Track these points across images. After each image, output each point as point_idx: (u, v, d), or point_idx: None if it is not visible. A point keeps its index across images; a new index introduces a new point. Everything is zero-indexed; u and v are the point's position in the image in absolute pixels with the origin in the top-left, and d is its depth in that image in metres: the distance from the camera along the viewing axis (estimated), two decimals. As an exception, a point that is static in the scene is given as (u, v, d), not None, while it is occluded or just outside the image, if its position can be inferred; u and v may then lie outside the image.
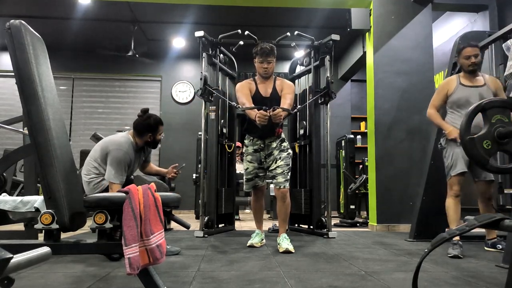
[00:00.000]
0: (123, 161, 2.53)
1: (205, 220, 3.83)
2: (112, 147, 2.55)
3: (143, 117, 2.67)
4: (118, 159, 2.51)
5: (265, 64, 3.09)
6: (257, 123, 2.84)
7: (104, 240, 1.47)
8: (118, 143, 2.58)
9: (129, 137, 2.66)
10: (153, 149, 2.88)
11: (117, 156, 2.51)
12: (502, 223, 1.22)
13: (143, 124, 2.65)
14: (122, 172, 2.53)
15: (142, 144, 2.71)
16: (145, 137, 2.67)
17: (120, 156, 2.52)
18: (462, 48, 3.01)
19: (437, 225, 3.33)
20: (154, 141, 2.72)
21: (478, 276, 2.10)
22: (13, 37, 1.49)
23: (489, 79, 3.01)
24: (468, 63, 2.96)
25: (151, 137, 2.69)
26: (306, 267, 2.29)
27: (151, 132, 2.67)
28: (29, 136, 1.50)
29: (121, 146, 2.56)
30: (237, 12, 5.68)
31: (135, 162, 2.74)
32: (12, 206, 2.59)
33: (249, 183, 3.22)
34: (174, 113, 7.43)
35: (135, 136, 2.68)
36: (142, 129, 2.66)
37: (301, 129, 4.19)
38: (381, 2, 4.72)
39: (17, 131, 3.94)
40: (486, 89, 2.93)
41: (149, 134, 2.67)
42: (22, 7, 5.71)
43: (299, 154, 4.22)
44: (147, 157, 2.98)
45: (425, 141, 4.35)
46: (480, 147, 1.59)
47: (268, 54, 3.07)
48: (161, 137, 2.78)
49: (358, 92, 7.97)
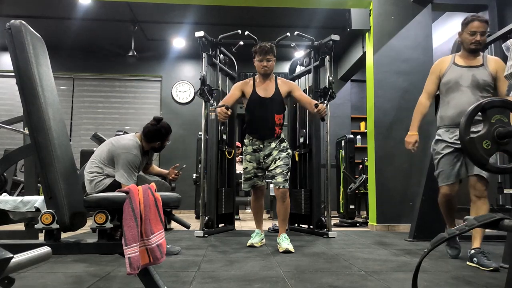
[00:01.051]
0: (134, 164, 2.59)
1: (205, 220, 3.83)
2: (121, 151, 2.59)
3: (155, 126, 2.70)
4: (129, 162, 2.57)
5: (265, 62, 3.07)
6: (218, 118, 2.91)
7: (105, 240, 1.47)
8: (127, 146, 2.61)
9: (136, 140, 2.69)
10: (157, 153, 2.91)
11: (128, 159, 2.57)
12: (501, 223, 1.22)
13: (155, 132, 2.70)
14: (133, 174, 2.60)
15: (148, 149, 2.78)
16: (154, 144, 2.74)
17: (131, 159, 2.58)
18: (469, 21, 2.55)
19: (437, 225, 3.34)
20: (161, 147, 2.80)
21: (478, 276, 2.11)
22: (13, 37, 1.49)
23: (490, 59, 2.57)
24: (471, 39, 2.52)
25: (159, 144, 2.77)
26: (306, 267, 2.29)
27: (160, 140, 2.74)
28: (30, 136, 1.50)
29: (130, 150, 2.60)
30: (237, 12, 5.68)
31: (141, 164, 2.79)
32: (12, 206, 2.59)
33: (248, 183, 3.22)
34: (174, 113, 7.44)
35: (143, 140, 2.73)
36: (152, 136, 2.71)
37: (301, 137, 4.18)
38: (381, 2, 4.73)
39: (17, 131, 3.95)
40: (482, 71, 2.51)
41: (158, 142, 2.74)
42: (22, 7, 5.72)
43: (299, 162, 4.21)
44: (150, 159, 3.02)
45: (425, 141, 4.34)
46: (480, 147, 1.59)
47: (268, 52, 3.05)
48: (167, 143, 2.85)
49: (358, 92, 7.98)
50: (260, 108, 3.09)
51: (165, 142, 2.79)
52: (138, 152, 2.64)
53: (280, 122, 3.12)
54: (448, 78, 2.57)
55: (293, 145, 4.33)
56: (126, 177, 2.55)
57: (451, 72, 2.57)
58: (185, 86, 7.53)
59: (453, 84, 2.54)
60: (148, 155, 2.90)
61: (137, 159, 2.61)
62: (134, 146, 2.63)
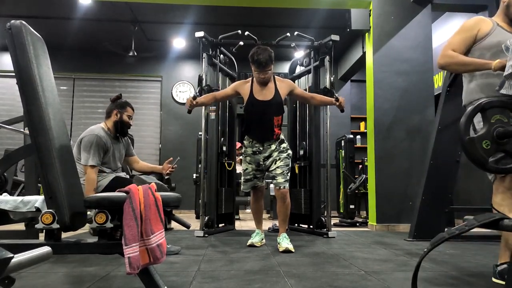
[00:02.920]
0: (96, 144, 2.61)
1: (205, 220, 3.83)
2: (84, 135, 2.67)
3: (113, 100, 2.83)
4: (90, 142, 2.60)
5: (262, 74, 3.00)
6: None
7: (105, 240, 1.47)
8: (88, 130, 2.70)
9: (99, 124, 2.78)
10: (123, 135, 2.90)
11: (88, 140, 2.61)
12: (501, 223, 1.22)
13: (111, 104, 2.81)
14: (96, 154, 2.60)
15: (112, 126, 2.78)
16: (112, 116, 2.77)
17: (92, 139, 2.61)
18: None
19: (436, 225, 3.34)
20: (121, 120, 2.79)
21: (478, 276, 2.11)
22: (13, 37, 1.49)
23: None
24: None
25: (118, 115, 2.77)
26: (306, 266, 2.30)
27: (117, 109, 2.78)
28: (30, 136, 1.51)
29: (91, 131, 2.67)
30: (237, 13, 5.69)
31: (115, 150, 2.80)
32: (13, 206, 2.60)
33: (248, 184, 3.22)
34: (174, 113, 7.44)
35: (105, 121, 2.80)
36: (109, 108, 2.80)
37: (301, 150, 4.17)
38: (381, 2, 4.73)
39: (17, 131, 3.95)
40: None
41: (115, 110, 2.77)
42: (22, 7, 5.72)
43: (299, 175, 4.20)
44: (128, 149, 3.00)
45: (425, 141, 4.35)
46: (480, 147, 1.60)
47: (265, 66, 2.95)
48: (129, 120, 2.84)
49: (357, 92, 7.98)
50: (259, 111, 3.06)
51: (124, 114, 2.80)
52: (102, 132, 2.69)
53: (278, 123, 3.11)
54: (494, 40, 2.03)
55: (292, 146, 4.33)
56: (89, 157, 2.56)
57: (498, 34, 2.04)
58: (185, 86, 7.53)
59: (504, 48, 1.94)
60: (122, 142, 2.89)
61: (100, 139, 2.64)
62: (97, 127, 2.71)
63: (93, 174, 2.58)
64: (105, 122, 2.82)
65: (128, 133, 2.94)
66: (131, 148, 3.05)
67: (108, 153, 2.71)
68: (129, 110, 2.85)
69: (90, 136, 2.64)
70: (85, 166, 2.57)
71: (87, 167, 2.57)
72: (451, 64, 2.09)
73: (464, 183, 5.00)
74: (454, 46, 2.09)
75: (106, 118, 2.83)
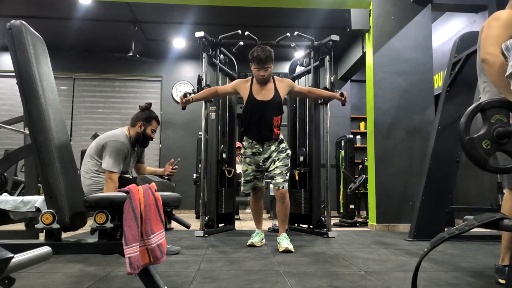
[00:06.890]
0: (121, 151, 2.59)
1: (205, 220, 3.83)
2: (108, 140, 2.62)
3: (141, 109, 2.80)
4: (116, 149, 2.58)
5: (262, 71, 3.00)
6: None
7: (105, 240, 1.48)
8: (114, 135, 2.65)
9: (123, 130, 2.74)
10: (143, 147, 2.89)
11: (114, 146, 2.58)
12: (501, 223, 1.22)
13: (139, 113, 2.77)
14: (120, 161, 2.58)
15: (134, 136, 2.76)
16: (137, 127, 2.75)
17: (118, 146, 2.59)
18: None
19: (436, 225, 3.34)
20: (144, 133, 2.76)
21: (478, 276, 2.11)
22: (13, 37, 1.49)
23: None
24: None
25: (142, 127, 2.75)
26: (306, 266, 2.30)
27: (142, 121, 2.75)
28: (30, 136, 1.51)
29: (117, 137, 2.63)
30: (237, 13, 5.69)
31: (131, 157, 2.79)
32: (13, 206, 2.60)
33: (248, 185, 3.22)
34: (175, 113, 7.44)
35: (129, 128, 2.77)
36: (136, 118, 2.76)
37: (301, 156, 4.16)
38: (381, 2, 4.73)
39: (17, 131, 3.96)
40: None
41: (140, 122, 2.74)
42: (22, 7, 5.72)
43: (299, 181, 4.19)
44: (140, 156, 2.99)
45: (425, 141, 4.36)
46: (480, 147, 1.60)
47: (265, 62, 2.96)
48: (152, 135, 2.82)
49: (357, 92, 7.98)
50: (258, 111, 3.06)
51: (148, 128, 2.77)
52: (126, 140, 2.66)
53: (278, 123, 3.11)
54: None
55: (292, 146, 4.34)
56: (112, 163, 2.54)
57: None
58: (185, 86, 7.53)
59: None
60: (136, 150, 2.87)
61: (124, 147, 2.62)
62: (121, 134, 2.68)
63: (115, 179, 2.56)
64: (128, 128, 2.77)
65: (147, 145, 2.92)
66: (143, 156, 3.05)
67: (126, 160, 2.70)
68: (154, 123, 2.81)
69: (116, 143, 2.60)
70: (109, 172, 2.55)
71: (111, 174, 2.54)
72: (490, 65, 1.91)
73: (464, 183, 5.00)
74: (500, 39, 1.88)
75: (130, 125, 2.78)
